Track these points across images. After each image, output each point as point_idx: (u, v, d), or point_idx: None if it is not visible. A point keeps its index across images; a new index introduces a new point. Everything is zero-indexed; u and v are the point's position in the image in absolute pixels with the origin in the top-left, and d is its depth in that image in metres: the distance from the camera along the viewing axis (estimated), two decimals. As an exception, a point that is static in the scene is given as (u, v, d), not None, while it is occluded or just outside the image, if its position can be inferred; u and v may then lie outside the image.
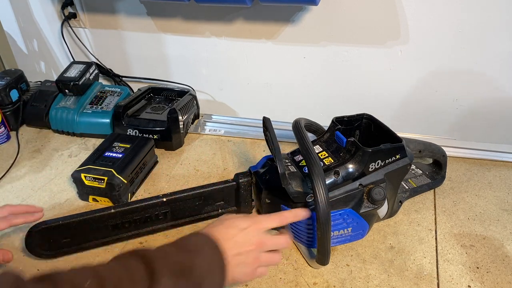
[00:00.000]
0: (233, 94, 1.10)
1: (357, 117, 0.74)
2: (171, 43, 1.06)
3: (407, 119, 1.01)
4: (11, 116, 1.00)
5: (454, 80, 0.92)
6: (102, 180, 0.75)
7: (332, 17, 0.90)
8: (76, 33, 1.10)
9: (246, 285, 0.63)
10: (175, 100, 1.03)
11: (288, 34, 0.96)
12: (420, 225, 0.74)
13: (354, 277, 0.64)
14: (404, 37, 0.89)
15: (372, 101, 1.00)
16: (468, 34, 0.86)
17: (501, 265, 0.66)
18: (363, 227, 0.67)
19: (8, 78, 1.00)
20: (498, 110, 0.94)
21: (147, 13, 1.02)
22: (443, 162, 0.81)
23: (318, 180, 0.55)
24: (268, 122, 0.67)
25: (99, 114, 0.97)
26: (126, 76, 1.14)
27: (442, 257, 0.68)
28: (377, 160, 0.65)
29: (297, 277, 0.64)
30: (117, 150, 0.82)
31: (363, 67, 0.96)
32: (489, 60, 0.88)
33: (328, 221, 0.56)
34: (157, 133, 0.93)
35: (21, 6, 1.10)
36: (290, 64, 1.00)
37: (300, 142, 0.61)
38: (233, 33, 0.99)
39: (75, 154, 0.94)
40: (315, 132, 0.76)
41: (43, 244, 0.65)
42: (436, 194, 0.81)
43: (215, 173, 0.88)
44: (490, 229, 0.73)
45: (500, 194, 0.81)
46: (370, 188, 0.65)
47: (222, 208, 0.75)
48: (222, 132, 1.02)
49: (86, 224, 0.66)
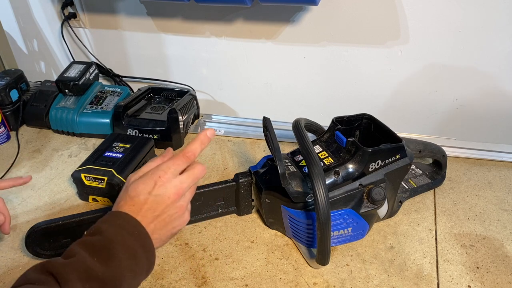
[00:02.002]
0: (233, 94, 1.10)
1: (357, 117, 0.74)
2: (171, 43, 1.06)
3: (407, 119, 1.01)
4: (11, 116, 1.00)
5: (454, 80, 0.92)
6: (102, 180, 0.75)
7: (332, 17, 0.90)
8: (76, 33, 1.10)
9: (246, 285, 0.63)
10: (175, 100, 1.03)
11: (288, 34, 0.96)
12: (420, 225, 0.74)
13: (354, 277, 0.64)
14: (404, 37, 0.89)
15: (372, 101, 1.00)
16: (468, 34, 0.86)
17: (501, 265, 0.66)
18: (363, 227, 0.67)
19: (8, 78, 1.00)
20: (498, 110, 0.94)
21: (147, 13, 1.02)
22: (443, 162, 0.81)
23: (318, 180, 0.55)
24: (268, 122, 0.67)
25: (99, 114, 0.97)
26: (126, 76, 1.14)
27: (442, 257, 0.68)
28: (377, 160, 0.65)
29: (297, 277, 0.64)
30: (117, 150, 0.82)
31: (363, 67, 0.96)
32: (489, 59, 0.88)
33: (328, 221, 0.56)
34: (157, 133, 0.93)
35: (21, 6, 1.10)
36: (290, 64, 1.00)
37: (300, 142, 0.61)
38: (233, 33, 0.99)
39: (75, 154, 0.94)
40: (315, 132, 0.76)
41: (43, 244, 0.65)
42: (436, 194, 0.81)
43: (215, 173, 0.88)
44: (490, 229, 0.73)
45: (500, 194, 0.81)
46: (370, 188, 0.65)
47: (222, 208, 0.75)
48: (222, 132, 1.02)
49: (86, 224, 0.66)
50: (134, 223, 0.49)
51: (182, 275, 0.65)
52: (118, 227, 0.48)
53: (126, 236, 0.48)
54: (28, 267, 0.45)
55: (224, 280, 0.64)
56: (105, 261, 0.45)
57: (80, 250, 0.45)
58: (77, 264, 0.44)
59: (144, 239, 0.49)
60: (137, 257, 0.48)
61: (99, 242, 0.47)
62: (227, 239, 0.71)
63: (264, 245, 0.70)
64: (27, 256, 0.67)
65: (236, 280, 0.64)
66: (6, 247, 0.70)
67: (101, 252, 0.46)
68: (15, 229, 0.73)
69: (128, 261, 0.47)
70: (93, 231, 0.49)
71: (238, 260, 0.67)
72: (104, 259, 0.45)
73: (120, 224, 0.49)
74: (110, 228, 0.48)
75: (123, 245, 0.47)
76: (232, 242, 0.71)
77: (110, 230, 0.48)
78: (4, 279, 0.64)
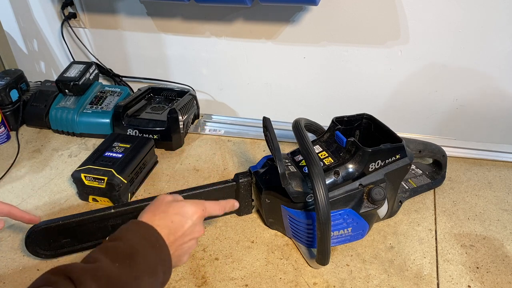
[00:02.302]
0: (233, 94, 1.10)
1: (357, 117, 0.74)
2: (171, 43, 1.06)
3: (407, 119, 1.01)
4: (11, 116, 1.00)
5: (454, 80, 0.92)
6: (102, 180, 0.75)
7: (332, 17, 0.90)
8: (76, 33, 1.10)
9: (246, 285, 0.63)
10: (175, 100, 1.03)
11: (288, 34, 0.96)
12: (420, 225, 0.74)
13: (354, 277, 0.64)
14: (404, 37, 0.89)
15: (372, 101, 1.00)
16: (468, 34, 0.86)
17: (501, 265, 0.66)
18: (363, 227, 0.67)
19: (8, 78, 1.00)
20: (498, 110, 0.94)
21: (147, 13, 1.02)
22: (443, 162, 0.81)
23: (318, 180, 0.55)
24: (268, 122, 0.67)
25: (99, 114, 0.97)
26: (126, 76, 1.14)
27: (442, 257, 0.68)
28: (377, 160, 0.65)
29: (297, 277, 0.64)
30: (117, 150, 0.82)
31: (363, 67, 0.96)
32: (489, 59, 0.88)
33: (328, 221, 0.56)
34: (157, 133, 0.93)
35: (21, 6, 1.10)
36: (290, 64, 1.00)
37: (300, 142, 0.61)
38: (233, 33, 0.99)
39: (75, 154, 0.94)
40: (315, 132, 0.76)
41: (43, 244, 0.65)
42: (436, 194, 0.81)
43: (215, 173, 0.88)
44: (490, 229, 0.73)
45: (500, 194, 0.81)
46: (370, 188, 0.65)
47: (222, 208, 0.75)
48: (222, 132, 1.02)
49: (86, 224, 0.66)
50: (156, 235, 0.50)
51: (182, 275, 0.65)
52: (141, 236, 0.49)
53: (148, 247, 0.48)
54: (28, 267, 0.45)
55: (224, 280, 0.64)
56: (127, 266, 0.45)
57: (102, 256, 0.45)
58: (98, 270, 0.44)
59: (164, 253, 0.50)
60: (156, 271, 0.48)
61: (121, 248, 0.47)
62: (227, 239, 0.71)
63: (264, 245, 0.70)
64: (27, 256, 0.67)
65: (236, 280, 0.64)
66: (6, 247, 0.70)
67: (123, 258, 0.46)
68: (15, 229, 0.73)
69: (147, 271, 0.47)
70: (115, 237, 0.49)
71: (238, 260, 0.67)
72: (126, 265, 0.45)
73: (143, 234, 0.49)
74: (133, 237, 0.49)
75: (144, 254, 0.47)
76: (232, 242, 0.71)
77: (133, 238, 0.48)
78: (4, 279, 0.64)
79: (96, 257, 0.45)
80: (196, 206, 0.55)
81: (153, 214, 0.52)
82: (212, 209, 0.58)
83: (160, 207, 0.53)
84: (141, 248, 0.47)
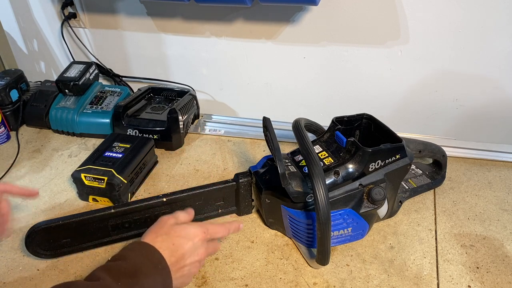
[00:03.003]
0: (233, 94, 1.10)
1: (357, 117, 0.74)
2: (171, 43, 1.06)
3: (407, 119, 1.01)
4: (11, 116, 1.00)
5: (454, 80, 0.92)
6: (102, 180, 0.75)
7: (332, 17, 0.90)
8: (76, 33, 1.10)
9: (246, 285, 0.63)
10: (175, 100, 1.03)
11: (288, 34, 0.96)
12: (420, 225, 0.74)
13: (354, 277, 0.64)
14: (404, 37, 0.89)
15: (372, 101, 1.00)
16: (468, 34, 0.86)
17: (501, 265, 0.66)
18: (363, 227, 0.67)
19: (8, 78, 1.00)
20: (498, 110, 0.94)
21: (147, 13, 1.02)
22: (443, 162, 0.81)
23: (318, 180, 0.55)
24: (268, 122, 0.67)
25: (99, 114, 0.97)
26: (126, 76, 1.14)
27: (442, 257, 0.68)
28: (377, 160, 0.65)
29: (297, 277, 0.64)
30: (117, 150, 0.82)
31: (363, 67, 0.96)
32: (489, 60, 0.88)
33: (328, 221, 0.56)
34: (157, 133, 0.93)
35: (21, 6, 1.10)
36: (290, 64, 1.00)
37: (300, 142, 0.61)
38: (233, 33, 0.99)
39: (75, 154, 0.94)
40: (315, 132, 0.76)
41: (43, 244, 0.65)
42: (436, 194, 0.81)
43: (215, 173, 0.88)
44: (490, 229, 0.73)
45: (500, 194, 0.81)
46: (370, 188, 0.65)
47: (222, 208, 0.75)
48: (222, 132, 1.02)
49: (86, 224, 0.66)
50: (159, 256, 0.50)
51: (182, 275, 0.65)
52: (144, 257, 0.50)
53: (150, 267, 0.49)
54: (28, 267, 0.45)
55: (224, 280, 0.64)
56: (129, 285, 0.46)
57: (105, 275, 0.46)
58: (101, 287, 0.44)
59: (166, 274, 0.50)
60: None
61: (124, 267, 0.48)
62: (227, 239, 0.71)
63: (264, 245, 0.70)
64: (27, 256, 0.67)
65: (236, 280, 0.64)
66: (6, 247, 0.70)
67: (126, 277, 0.47)
68: (15, 229, 0.73)
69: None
70: (117, 257, 0.50)
71: (238, 260, 0.67)
72: (129, 284, 0.46)
73: (146, 255, 0.50)
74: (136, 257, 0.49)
75: (146, 274, 0.48)
76: (232, 242, 0.71)
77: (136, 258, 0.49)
78: (4, 279, 0.64)
79: (99, 275, 0.46)
80: (198, 228, 0.55)
81: (156, 235, 0.53)
82: (215, 231, 0.58)
83: (163, 229, 0.54)
84: (144, 268, 0.48)
